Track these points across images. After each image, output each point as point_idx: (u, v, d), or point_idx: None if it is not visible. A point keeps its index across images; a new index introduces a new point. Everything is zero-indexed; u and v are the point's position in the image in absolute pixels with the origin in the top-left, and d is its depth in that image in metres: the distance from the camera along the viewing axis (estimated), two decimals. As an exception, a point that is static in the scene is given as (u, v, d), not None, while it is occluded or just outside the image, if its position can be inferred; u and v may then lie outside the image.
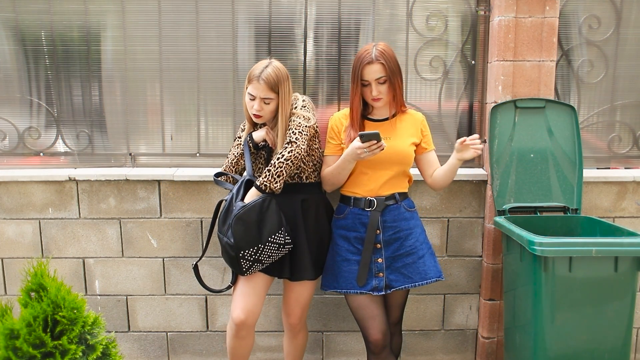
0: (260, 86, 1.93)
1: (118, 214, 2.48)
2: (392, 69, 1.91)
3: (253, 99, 1.96)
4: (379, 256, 1.95)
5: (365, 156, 1.83)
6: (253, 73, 1.96)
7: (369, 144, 1.78)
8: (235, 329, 2.00)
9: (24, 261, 2.48)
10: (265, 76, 1.93)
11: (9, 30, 2.44)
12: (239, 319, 1.97)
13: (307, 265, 2.03)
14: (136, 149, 2.55)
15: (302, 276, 2.04)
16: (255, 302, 2.01)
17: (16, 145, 2.53)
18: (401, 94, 1.98)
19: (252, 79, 1.95)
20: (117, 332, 2.56)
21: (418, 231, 2.02)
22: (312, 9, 2.47)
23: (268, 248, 1.90)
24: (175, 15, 2.45)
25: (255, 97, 1.95)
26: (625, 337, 1.96)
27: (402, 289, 1.97)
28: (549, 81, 2.36)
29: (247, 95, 1.99)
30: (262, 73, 1.93)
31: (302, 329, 2.20)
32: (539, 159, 2.34)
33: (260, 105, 1.95)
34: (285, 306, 2.16)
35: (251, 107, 1.97)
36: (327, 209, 2.15)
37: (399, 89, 1.96)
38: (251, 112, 1.98)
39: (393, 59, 1.92)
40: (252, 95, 1.96)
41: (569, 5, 2.47)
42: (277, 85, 1.95)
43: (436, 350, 2.66)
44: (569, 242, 1.88)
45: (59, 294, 1.36)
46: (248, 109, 2.01)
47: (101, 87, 2.50)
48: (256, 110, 1.96)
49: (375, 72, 1.90)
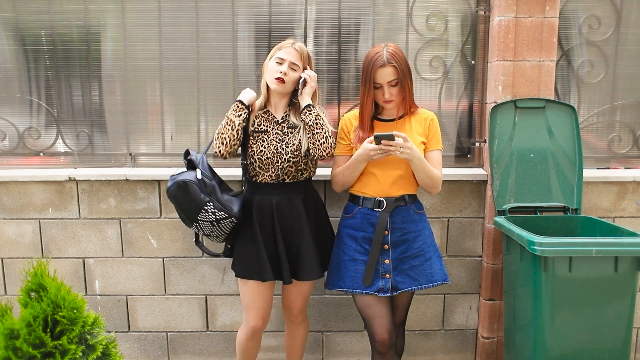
0: (293, 51, 1.98)
1: (118, 214, 2.48)
2: (404, 71, 1.91)
3: (281, 63, 1.97)
4: (386, 257, 1.95)
5: (378, 157, 1.85)
6: (282, 43, 2.01)
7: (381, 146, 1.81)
8: (252, 333, 2.09)
9: (24, 261, 2.48)
10: (299, 45, 2.01)
11: (9, 30, 2.44)
12: (257, 326, 2.08)
13: (314, 265, 2.04)
14: (136, 149, 2.55)
15: (309, 277, 2.05)
16: (268, 308, 2.11)
17: (16, 145, 2.53)
18: (411, 95, 1.97)
19: (284, 46, 1.99)
20: (117, 332, 2.56)
21: (426, 233, 2.02)
22: (312, 9, 2.47)
23: (203, 225, 1.95)
24: (175, 15, 2.45)
25: (285, 60, 1.97)
26: (625, 337, 1.95)
27: (408, 291, 1.97)
28: (549, 81, 2.36)
29: (272, 62, 1.99)
30: (295, 43, 2.00)
31: (303, 320, 2.22)
32: (539, 159, 2.34)
33: (288, 69, 1.97)
34: (287, 300, 2.16)
35: (276, 70, 1.96)
36: (321, 203, 2.19)
37: (409, 90, 1.95)
38: (275, 75, 1.96)
39: (404, 61, 1.92)
40: (281, 59, 1.97)
41: (569, 5, 2.47)
42: (307, 58, 2.03)
43: (436, 350, 2.66)
44: (569, 242, 1.88)
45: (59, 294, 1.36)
46: (271, 74, 1.98)
47: (101, 87, 2.50)
48: (282, 73, 1.96)
49: (388, 75, 1.89)
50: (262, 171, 2.01)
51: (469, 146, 2.58)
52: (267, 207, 2.01)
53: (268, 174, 2.01)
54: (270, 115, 2.05)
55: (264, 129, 2.03)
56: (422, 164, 1.90)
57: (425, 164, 1.91)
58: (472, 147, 2.58)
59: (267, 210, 2.01)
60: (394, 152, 1.81)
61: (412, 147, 1.83)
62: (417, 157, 1.87)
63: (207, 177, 1.97)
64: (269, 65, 2.00)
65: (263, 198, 2.02)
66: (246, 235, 2.03)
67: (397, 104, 1.97)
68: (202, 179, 1.94)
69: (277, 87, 1.98)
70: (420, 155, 1.88)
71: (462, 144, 2.58)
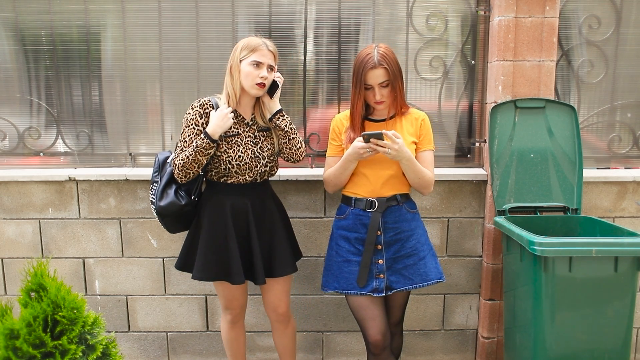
0: (269, 54, 1.92)
1: (118, 214, 2.49)
2: (395, 72, 1.90)
3: (258, 66, 1.91)
4: (380, 257, 1.95)
5: (367, 156, 1.85)
6: (253, 42, 1.91)
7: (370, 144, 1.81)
8: (233, 322, 2.17)
9: (24, 261, 2.48)
10: (272, 47, 1.95)
11: (9, 30, 2.44)
12: (238, 316, 2.16)
13: (289, 260, 2.07)
14: (136, 149, 2.55)
15: (286, 271, 2.05)
16: (245, 298, 2.17)
17: (16, 145, 2.53)
18: (402, 95, 1.97)
19: (258, 48, 1.90)
20: (117, 332, 2.56)
21: (419, 232, 2.02)
22: (312, 9, 2.47)
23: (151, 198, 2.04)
24: (175, 15, 2.45)
25: (264, 64, 1.91)
26: (625, 337, 1.95)
27: (402, 291, 1.97)
28: (549, 81, 2.36)
29: (248, 65, 1.90)
30: (266, 42, 1.93)
31: (290, 317, 2.21)
32: (539, 159, 2.34)
33: (267, 73, 1.93)
34: (271, 302, 2.13)
35: (257, 75, 1.90)
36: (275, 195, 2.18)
37: (400, 91, 1.95)
38: (256, 80, 1.91)
39: (395, 62, 1.91)
40: (258, 62, 1.90)
41: (569, 5, 2.47)
42: (277, 58, 1.99)
43: (436, 350, 2.66)
44: (569, 242, 1.88)
45: (59, 294, 1.36)
46: (251, 79, 1.91)
47: (101, 87, 2.50)
48: (263, 78, 1.92)
49: (379, 77, 1.89)
50: (238, 175, 1.97)
51: (469, 146, 2.58)
52: (243, 208, 1.99)
53: (244, 177, 1.98)
54: (240, 117, 2.01)
55: (235, 132, 1.98)
56: (412, 164, 1.89)
57: (414, 165, 1.91)
58: (472, 147, 2.58)
59: (242, 211, 1.99)
60: (382, 152, 1.81)
61: (401, 147, 1.82)
62: (407, 158, 1.86)
63: (170, 163, 2.02)
64: (243, 68, 1.91)
65: (236, 200, 1.99)
66: (213, 238, 1.99)
67: (388, 105, 1.97)
68: (168, 162, 2.03)
69: (258, 92, 1.94)
70: (409, 155, 1.87)
71: (462, 144, 2.58)
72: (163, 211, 1.98)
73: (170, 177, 2.01)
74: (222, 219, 1.98)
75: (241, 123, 2.00)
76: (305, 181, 2.45)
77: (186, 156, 1.88)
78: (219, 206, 1.99)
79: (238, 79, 1.94)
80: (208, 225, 1.99)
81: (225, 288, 2.07)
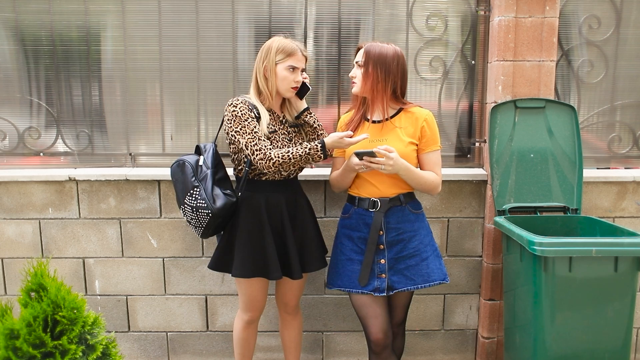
0: (303, 59, 2.02)
1: (118, 214, 2.49)
2: (375, 60, 1.89)
3: (293, 71, 1.99)
4: (382, 257, 1.95)
5: (362, 172, 1.91)
6: (289, 46, 1.98)
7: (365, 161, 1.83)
8: (249, 323, 2.16)
9: (24, 261, 2.48)
10: (305, 50, 2.04)
11: (9, 30, 2.44)
12: (255, 317, 2.16)
13: (320, 255, 2.12)
14: (136, 149, 2.55)
15: (317, 267, 2.11)
16: (265, 300, 2.17)
17: (16, 145, 2.53)
18: (385, 90, 1.92)
19: (294, 53, 1.98)
20: (117, 332, 2.56)
21: (423, 233, 2.00)
22: (312, 9, 2.47)
23: (187, 209, 1.97)
24: (175, 15, 2.45)
25: (298, 68, 2.00)
26: (625, 337, 1.96)
27: (404, 291, 1.97)
28: (549, 81, 2.36)
29: (284, 69, 1.98)
30: (300, 47, 2.01)
31: (299, 309, 2.27)
32: (539, 159, 2.34)
33: (301, 77, 2.03)
34: (285, 296, 2.18)
35: (292, 80, 1.99)
36: (302, 189, 2.21)
37: (377, 81, 1.91)
38: (291, 85, 2.00)
39: (380, 54, 1.90)
40: (294, 67, 1.98)
41: (569, 5, 2.47)
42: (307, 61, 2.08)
43: (436, 350, 2.66)
44: (569, 242, 1.88)
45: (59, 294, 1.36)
46: (287, 83, 2.00)
47: (101, 87, 2.50)
48: (298, 82, 2.01)
49: (358, 56, 1.97)
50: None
51: (469, 146, 2.58)
52: (277, 204, 2.03)
53: (279, 173, 2.02)
54: (275, 114, 2.06)
55: (273, 129, 2.02)
56: (410, 173, 1.88)
57: (413, 173, 1.89)
58: (472, 147, 2.58)
59: (277, 207, 2.03)
60: (376, 168, 1.82)
61: (395, 161, 1.81)
62: (403, 169, 1.85)
63: (206, 165, 2.00)
64: (279, 72, 1.97)
65: (270, 196, 2.03)
66: (250, 235, 2.02)
67: (361, 90, 1.96)
68: (201, 166, 2.00)
69: (292, 94, 2.04)
70: (406, 166, 1.86)
71: (462, 144, 2.58)
72: (220, 212, 1.95)
73: (213, 180, 2.00)
74: (257, 216, 2.01)
75: (277, 120, 2.05)
76: (305, 181, 2.45)
77: (289, 158, 1.90)
78: (254, 203, 2.02)
79: (274, 81, 1.99)
80: (244, 223, 2.01)
81: (253, 289, 2.07)
